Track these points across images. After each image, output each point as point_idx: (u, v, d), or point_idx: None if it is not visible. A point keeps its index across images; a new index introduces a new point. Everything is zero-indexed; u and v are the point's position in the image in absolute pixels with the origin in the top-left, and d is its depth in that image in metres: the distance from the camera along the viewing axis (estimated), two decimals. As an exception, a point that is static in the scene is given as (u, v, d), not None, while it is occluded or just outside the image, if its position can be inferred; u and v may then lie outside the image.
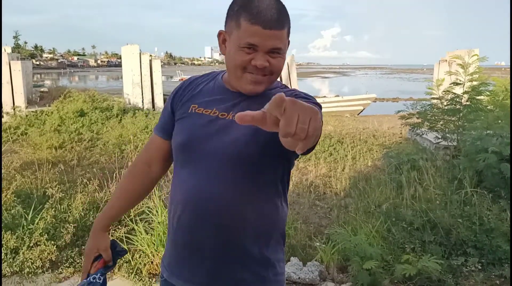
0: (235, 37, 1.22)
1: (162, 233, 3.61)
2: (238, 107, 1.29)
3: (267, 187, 1.34)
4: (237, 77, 1.27)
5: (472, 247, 3.50)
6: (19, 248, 3.46)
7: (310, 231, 4.24)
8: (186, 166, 1.34)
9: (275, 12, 1.19)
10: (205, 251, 1.32)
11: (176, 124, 1.39)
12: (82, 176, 5.65)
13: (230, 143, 1.27)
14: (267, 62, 1.22)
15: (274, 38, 1.20)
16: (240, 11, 1.20)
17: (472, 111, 5.54)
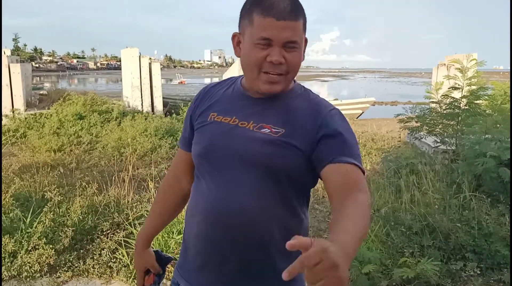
0: (248, 34, 1.18)
1: (160, 237, 3.61)
2: (260, 116, 1.24)
3: (293, 200, 1.27)
4: (253, 78, 1.22)
5: (471, 252, 3.51)
6: (17, 252, 3.45)
7: (309, 235, 4.23)
8: (205, 176, 1.29)
9: (288, 3, 1.14)
10: (230, 266, 1.26)
11: (195, 133, 1.34)
12: (81, 179, 5.65)
13: (249, 153, 1.22)
14: (282, 58, 1.16)
15: (288, 29, 1.14)
16: (253, 7, 1.17)
17: (471, 115, 5.56)
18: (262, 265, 1.25)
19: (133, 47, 13.22)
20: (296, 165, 1.21)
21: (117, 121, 10.51)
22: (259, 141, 1.21)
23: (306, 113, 1.24)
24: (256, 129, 1.22)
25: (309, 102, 1.28)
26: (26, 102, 12.19)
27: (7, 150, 8.02)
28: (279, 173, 1.21)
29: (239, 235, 1.23)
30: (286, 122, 1.22)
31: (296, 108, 1.25)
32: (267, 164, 1.21)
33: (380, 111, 20.20)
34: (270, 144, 1.20)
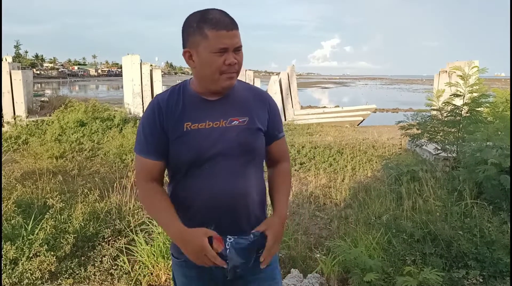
0: (205, 46, 1.46)
1: (162, 244, 3.60)
2: (224, 112, 1.57)
3: (262, 168, 1.71)
4: (214, 80, 1.51)
5: (473, 260, 3.49)
6: (18, 259, 3.45)
7: (311, 243, 4.23)
8: (198, 175, 1.56)
9: (228, 17, 1.48)
10: (226, 228, 1.55)
11: (174, 143, 1.56)
12: (82, 186, 5.64)
13: (233, 144, 1.55)
14: (235, 60, 1.49)
15: (236, 37, 1.48)
16: (201, 24, 1.46)
17: (472, 122, 5.56)
18: (247, 217, 1.63)
19: (134, 54, 13.28)
20: (262, 142, 1.65)
21: (118, 128, 10.53)
22: (234, 132, 1.56)
23: (256, 101, 1.66)
24: (227, 124, 1.56)
25: (251, 91, 1.69)
26: (28, 109, 12.23)
27: (9, 157, 8.03)
28: (254, 152, 1.62)
29: (236, 204, 1.59)
30: (246, 111, 1.61)
31: (246, 98, 1.64)
32: (246, 147, 1.58)
33: (381, 118, 20.22)
34: (242, 131, 1.57)
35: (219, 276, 1.60)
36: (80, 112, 10.95)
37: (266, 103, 1.68)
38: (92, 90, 51.77)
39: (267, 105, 1.68)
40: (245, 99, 1.64)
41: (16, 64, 14.58)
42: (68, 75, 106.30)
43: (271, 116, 1.69)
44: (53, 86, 51.04)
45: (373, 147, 9.54)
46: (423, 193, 4.62)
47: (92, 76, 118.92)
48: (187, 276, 1.67)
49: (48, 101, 15.28)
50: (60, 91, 32.19)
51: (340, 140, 10.95)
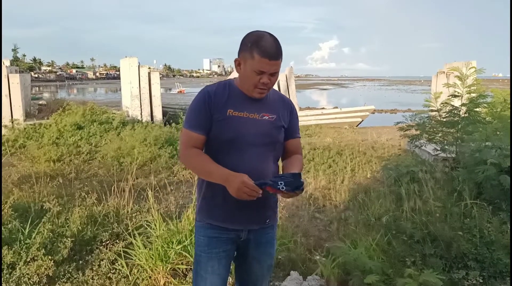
0: (250, 64, 1.89)
1: (160, 247, 3.57)
2: (259, 109, 2.01)
3: (278, 157, 2.16)
4: (249, 90, 1.97)
5: (473, 260, 3.48)
6: (15, 263, 3.42)
7: (310, 244, 4.21)
8: (233, 153, 1.98)
9: (276, 48, 1.88)
10: (254, 203, 1.92)
11: (217, 123, 1.97)
12: (80, 189, 5.62)
13: (262, 134, 2.01)
14: (269, 81, 1.93)
15: (275, 65, 1.90)
16: (253, 47, 1.86)
17: (470, 123, 5.55)
18: (268, 199, 2.07)
19: (132, 57, 13.24)
20: (282, 136, 2.11)
21: (116, 130, 10.50)
22: (264, 125, 2.02)
23: (281, 104, 2.12)
24: (259, 117, 2.02)
25: (280, 97, 2.17)
26: (25, 112, 12.20)
27: (6, 161, 8.00)
28: (275, 142, 2.08)
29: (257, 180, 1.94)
30: (275, 110, 2.07)
31: (275, 101, 2.10)
32: (270, 138, 2.04)
33: (379, 119, 20.22)
34: (270, 125, 2.04)
35: (234, 239, 2.10)
36: (78, 115, 10.93)
37: (289, 107, 2.15)
38: (90, 93, 51.77)
39: (289, 109, 2.15)
40: (275, 101, 2.10)
41: (14, 68, 14.57)
42: (66, 78, 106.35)
43: (292, 118, 2.15)
44: (51, 90, 51.06)
45: (372, 148, 9.53)
46: (422, 194, 4.60)
47: (90, 79, 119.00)
48: (209, 236, 2.09)
49: (46, 105, 15.26)
50: (58, 94, 32.21)
51: (339, 141, 10.94)
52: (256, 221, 2.11)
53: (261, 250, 2.18)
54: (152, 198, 4.30)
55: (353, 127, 16.01)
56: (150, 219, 4.07)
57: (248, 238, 2.12)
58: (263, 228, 2.15)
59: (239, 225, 2.08)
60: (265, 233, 2.17)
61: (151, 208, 4.27)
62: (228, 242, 2.10)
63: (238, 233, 2.09)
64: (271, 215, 2.16)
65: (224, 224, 2.07)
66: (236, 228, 2.08)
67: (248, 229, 2.10)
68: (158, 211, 4.21)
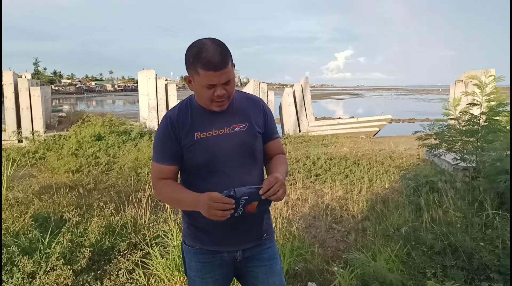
0: (197, 80, 1.71)
1: (177, 257, 3.58)
2: (227, 121, 1.84)
3: (262, 166, 1.99)
4: (207, 105, 1.79)
5: (495, 272, 3.39)
6: (36, 272, 3.46)
7: (328, 255, 4.17)
8: (212, 175, 1.82)
9: (219, 56, 1.65)
10: (244, 222, 1.85)
11: (188, 150, 1.82)
12: (98, 199, 5.67)
13: (238, 147, 1.83)
14: (224, 91, 1.73)
15: (224, 74, 1.68)
16: (195, 62, 1.67)
17: (491, 131, 5.46)
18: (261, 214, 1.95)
19: (150, 69, 13.41)
20: (260, 143, 1.93)
21: (134, 141, 10.61)
22: (237, 137, 1.84)
23: (251, 107, 1.93)
24: (230, 131, 1.84)
25: (247, 99, 1.95)
26: (46, 124, 12.42)
27: (27, 172, 8.13)
28: (255, 152, 1.89)
29: None
30: (245, 117, 1.88)
31: (243, 106, 1.91)
32: (248, 149, 1.86)
33: (397, 128, 20.03)
34: (244, 135, 1.85)
35: (229, 261, 1.94)
36: (97, 127, 11.08)
37: (260, 108, 1.96)
38: (108, 105, 52.46)
39: (261, 109, 1.96)
40: (243, 108, 1.91)
41: (35, 81, 14.88)
42: (85, 91, 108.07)
43: (266, 118, 1.96)
44: (71, 102, 51.88)
45: (390, 158, 9.43)
46: (442, 204, 4.53)
47: (109, 91, 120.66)
48: (201, 261, 1.94)
49: (65, 116, 15.53)
50: (77, 106, 32.65)
51: (356, 151, 10.85)
52: (250, 239, 1.94)
53: (265, 270, 1.98)
54: (169, 208, 4.31)
55: (370, 137, 15.88)
56: (167, 229, 4.08)
57: (245, 258, 1.96)
58: (260, 244, 1.97)
59: (231, 246, 1.92)
60: (264, 248, 1.99)
61: (168, 218, 4.29)
62: (223, 265, 1.95)
63: (233, 254, 1.94)
64: (267, 229, 1.99)
65: (215, 247, 1.91)
66: (229, 249, 1.93)
67: (243, 249, 1.94)
68: (175, 221, 4.23)
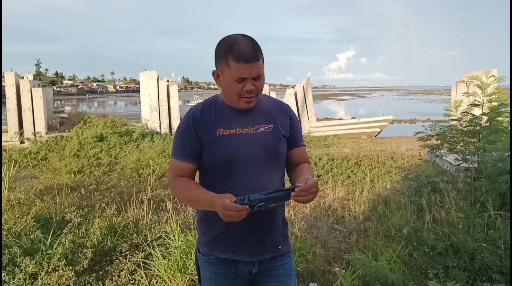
0: (227, 73, 1.67)
1: (179, 258, 3.58)
2: (252, 121, 1.79)
3: (283, 170, 1.92)
4: (234, 102, 1.75)
5: (497, 273, 3.39)
6: (37, 273, 3.46)
7: (329, 256, 4.16)
8: (231, 175, 1.76)
9: (251, 49, 1.64)
10: (259, 229, 1.80)
11: (208, 147, 1.77)
12: (100, 200, 5.68)
13: (260, 148, 1.78)
14: (253, 86, 1.69)
15: (255, 68, 1.65)
16: (227, 54, 1.64)
17: (492, 132, 5.45)
18: (275, 221, 1.87)
19: (151, 70, 13.42)
20: (284, 147, 1.87)
21: (136, 142, 10.61)
22: (261, 138, 1.79)
23: (278, 111, 1.89)
24: (255, 131, 1.79)
25: (274, 103, 1.93)
26: (48, 125, 12.45)
27: (29, 172, 8.15)
28: (278, 155, 1.83)
29: None
30: (271, 119, 1.83)
31: (269, 108, 1.87)
32: (271, 151, 1.80)
33: (398, 129, 20.00)
34: (268, 136, 1.80)
35: (244, 273, 1.87)
36: (99, 128, 11.09)
37: (287, 113, 1.91)
38: (110, 106, 52.52)
39: (288, 114, 1.91)
40: (269, 109, 1.87)
41: (37, 82, 14.91)
42: (87, 92, 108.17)
43: (293, 125, 1.91)
44: (73, 103, 51.98)
45: (392, 159, 9.42)
46: (444, 204, 4.53)
47: (111, 92, 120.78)
48: (215, 272, 1.88)
49: (67, 118, 15.56)
50: (79, 107, 32.76)
51: (358, 151, 10.85)
52: (266, 250, 1.87)
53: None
54: (171, 209, 4.32)
55: (372, 138, 15.88)
56: (168, 230, 4.09)
57: (261, 271, 1.89)
58: (276, 258, 1.90)
59: (246, 256, 1.85)
60: (280, 263, 1.92)
61: (169, 219, 4.29)
62: (238, 277, 1.89)
63: (248, 266, 1.87)
64: (281, 240, 1.92)
65: (231, 256, 1.85)
66: (244, 259, 1.86)
67: (259, 260, 1.87)
68: (176, 222, 4.23)
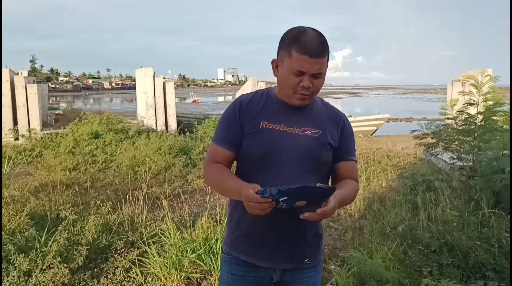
0: (287, 63, 1.57)
1: (174, 255, 3.58)
2: (300, 121, 1.69)
3: (326, 179, 1.77)
4: (288, 95, 1.65)
5: (491, 270, 3.41)
6: (32, 271, 3.45)
7: (325, 254, 4.17)
8: (264, 171, 1.66)
9: (318, 44, 1.54)
10: (284, 235, 1.69)
11: (248, 137, 1.68)
12: (95, 198, 5.67)
13: (302, 151, 1.66)
14: (311, 83, 1.58)
15: (318, 64, 1.55)
16: (291, 43, 1.55)
17: (487, 131, 5.47)
18: (305, 231, 1.74)
19: (148, 67, 13.38)
20: (329, 157, 1.72)
21: (132, 140, 10.59)
22: (306, 141, 1.67)
23: (330, 118, 1.76)
24: (300, 132, 1.67)
25: (326, 108, 1.79)
26: (42, 122, 12.38)
27: (23, 169, 8.11)
28: (318, 162, 1.69)
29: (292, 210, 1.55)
30: (320, 125, 1.71)
31: (322, 114, 1.75)
32: (312, 157, 1.67)
33: (394, 127, 20.05)
34: (313, 141, 1.67)
35: (264, 280, 1.76)
36: (95, 124, 11.05)
37: (340, 121, 1.78)
38: (106, 103, 52.39)
39: (340, 125, 1.77)
40: (321, 114, 1.75)
41: (32, 78, 14.81)
42: (82, 89, 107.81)
43: (344, 137, 1.77)
44: (68, 100, 51.73)
45: (388, 157, 9.44)
46: (439, 203, 4.54)
47: (107, 89, 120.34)
48: (233, 273, 1.78)
49: (62, 114, 15.48)
50: (74, 104, 32.57)
51: (353, 150, 10.86)
52: (290, 259, 1.74)
53: None
54: (167, 207, 4.31)
55: (368, 136, 15.90)
56: (164, 227, 4.08)
57: (283, 281, 1.77)
58: (302, 270, 1.77)
59: (268, 262, 1.74)
60: (306, 275, 1.78)
61: (165, 217, 4.29)
62: (256, 282, 1.77)
63: (269, 272, 1.75)
64: (311, 253, 1.78)
65: (251, 259, 1.75)
66: (265, 265, 1.74)
67: (281, 269, 1.75)
68: (172, 219, 4.23)
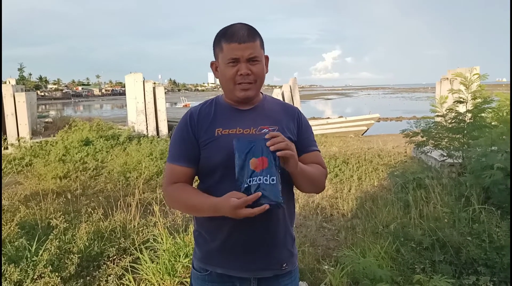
0: (221, 58, 1.56)
1: (167, 261, 3.56)
2: (254, 121, 1.62)
3: (290, 179, 1.61)
4: (230, 90, 1.60)
5: (483, 266, 3.43)
6: (22, 281, 3.41)
7: (318, 254, 4.18)
8: (227, 178, 1.53)
9: (245, 30, 1.53)
10: (261, 242, 1.61)
11: (205, 148, 1.60)
12: (86, 205, 5.62)
13: None
14: (249, 70, 1.54)
15: (249, 48, 1.53)
16: (220, 38, 1.56)
17: (476, 128, 5.52)
18: (279, 236, 1.66)
19: (137, 73, 13.33)
20: None
21: (123, 146, 10.53)
22: None
23: (285, 113, 1.71)
24: (257, 131, 1.60)
25: (278, 104, 1.76)
26: (32, 130, 12.28)
27: (13, 179, 8.03)
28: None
29: (264, 219, 1.51)
30: (276, 121, 1.65)
31: (274, 110, 1.70)
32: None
33: (385, 127, 20.16)
34: None
35: None
36: (85, 131, 10.98)
37: (294, 114, 1.73)
38: (96, 110, 52.10)
39: (296, 117, 1.72)
40: (275, 111, 1.70)
41: (20, 87, 14.69)
42: (72, 96, 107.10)
43: (301, 129, 1.71)
44: (57, 107, 51.41)
45: (379, 156, 9.49)
46: (430, 200, 4.57)
47: (96, 96, 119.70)
48: None
49: (52, 122, 15.36)
50: (64, 111, 32.34)
51: (345, 150, 10.90)
52: (268, 266, 1.64)
53: None
54: (159, 212, 4.29)
55: (359, 136, 15.97)
56: (156, 233, 4.07)
57: None
58: (277, 278, 1.67)
59: (244, 272, 1.64)
60: (281, 283, 1.69)
61: (157, 222, 4.27)
62: None
63: (245, 283, 1.65)
64: (287, 256, 1.69)
65: (229, 271, 1.64)
66: (243, 275, 1.64)
67: (257, 278, 1.65)
68: (164, 225, 4.21)
